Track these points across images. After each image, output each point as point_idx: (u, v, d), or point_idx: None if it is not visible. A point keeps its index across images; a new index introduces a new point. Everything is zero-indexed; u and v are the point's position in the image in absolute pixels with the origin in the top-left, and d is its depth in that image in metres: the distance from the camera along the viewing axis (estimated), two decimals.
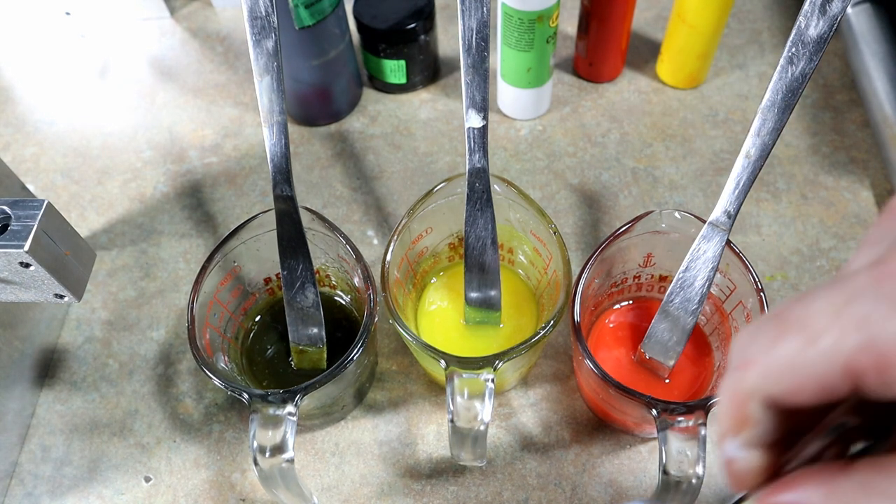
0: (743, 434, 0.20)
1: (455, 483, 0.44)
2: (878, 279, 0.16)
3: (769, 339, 0.18)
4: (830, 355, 0.16)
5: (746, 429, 0.20)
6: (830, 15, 0.34)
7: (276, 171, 0.41)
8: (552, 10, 0.51)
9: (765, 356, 0.18)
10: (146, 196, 0.58)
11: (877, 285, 0.16)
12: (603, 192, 0.56)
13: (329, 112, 0.60)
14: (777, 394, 0.18)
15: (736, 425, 0.20)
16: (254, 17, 0.40)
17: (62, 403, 0.49)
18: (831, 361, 0.16)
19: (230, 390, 0.38)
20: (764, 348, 0.18)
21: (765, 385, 0.18)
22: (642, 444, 0.45)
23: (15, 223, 0.34)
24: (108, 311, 0.52)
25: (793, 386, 0.17)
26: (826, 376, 0.17)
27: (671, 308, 0.40)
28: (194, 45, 0.68)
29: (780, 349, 0.17)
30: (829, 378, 0.17)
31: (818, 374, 0.17)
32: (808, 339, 0.17)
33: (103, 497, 0.45)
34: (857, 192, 0.55)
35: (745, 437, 0.20)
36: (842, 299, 0.17)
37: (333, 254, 0.45)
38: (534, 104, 0.59)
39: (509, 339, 0.46)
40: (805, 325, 0.17)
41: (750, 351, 0.18)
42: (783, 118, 0.36)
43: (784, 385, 0.18)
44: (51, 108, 0.64)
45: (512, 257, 0.49)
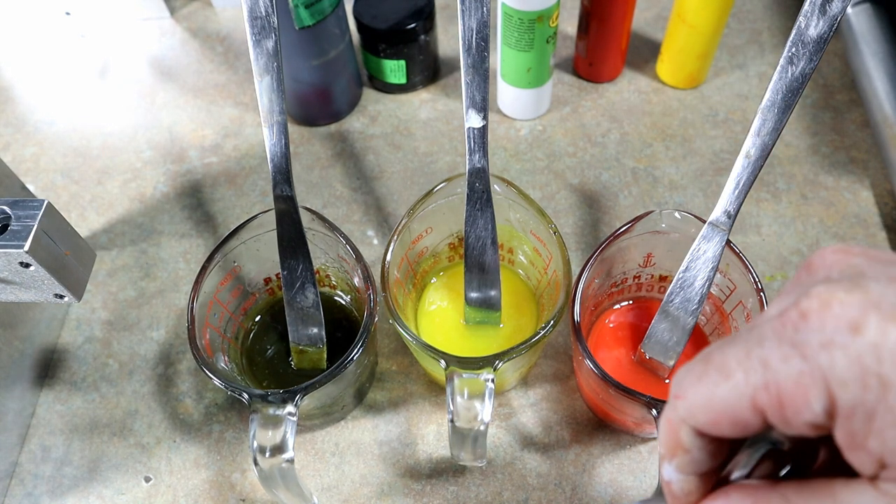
0: (676, 460, 0.22)
1: (455, 483, 0.44)
2: (780, 325, 0.18)
3: (695, 376, 0.20)
4: (738, 393, 0.19)
5: (679, 455, 0.21)
6: (830, 15, 0.34)
7: (276, 171, 0.41)
8: (552, 10, 0.51)
9: (691, 391, 0.20)
10: (146, 196, 0.58)
11: (779, 330, 0.18)
12: (603, 192, 0.56)
13: (329, 112, 0.60)
14: (700, 425, 0.20)
15: (670, 451, 0.22)
16: (254, 17, 0.40)
17: (62, 403, 0.49)
18: (739, 398, 0.19)
19: (230, 390, 0.38)
20: (691, 384, 0.20)
21: (689, 417, 0.20)
22: (642, 444, 0.45)
23: (15, 223, 0.34)
24: (108, 311, 0.52)
25: (712, 418, 0.20)
26: (737, 411, 0.19)
27: (671, 308, 0.40)
28: (194, 45, 0.68)
29: (701, 386, 0.20)
30: (740, 413, 0.19)
31: (730, 408, 0.19)
32: (722, 378, 0.19)
33: (103, 497, 0.45)
34: (857, 192, 0.55)
35: (678, 462, 0.22)
36: (752, 343, 0.19)
37: (333, 254, 0.45)
38: (534, 104, 0.59)
39: (509, 339, 0.46)
40: (722, 366, 0.19)
41: (682, 385, 0.20)
42: (783, 118, 0.36)
43: (705, 417, 0.20)
44: (51, 108, 0.64)
45: (512, 257, 0.49)
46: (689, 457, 0.21)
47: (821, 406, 0.17)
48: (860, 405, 0.17)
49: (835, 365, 0.17)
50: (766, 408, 0.18)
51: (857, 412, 0.17)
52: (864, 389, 0.17)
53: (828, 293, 0.18)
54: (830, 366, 0.17)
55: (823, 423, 0.18)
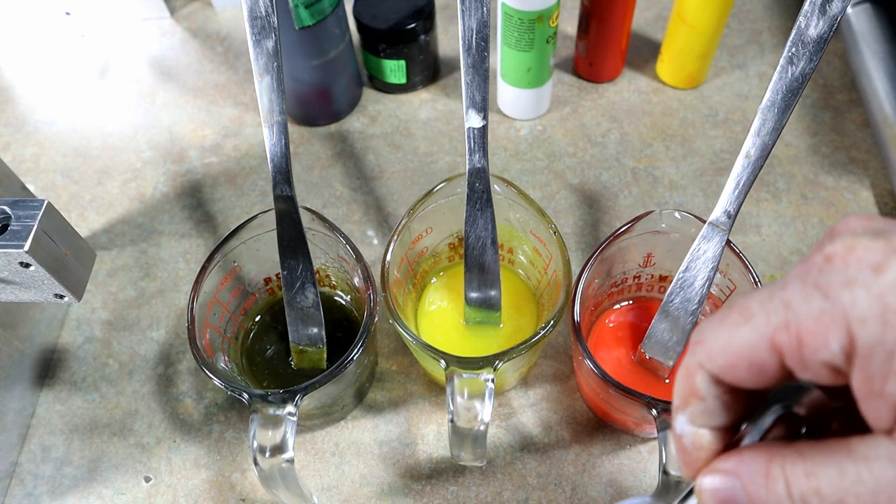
0: (689, 409, 0.22)
1: (455, 483, 0.44)
2: (804, 270, 0.19)
3: (717, 321, 0.20)
4: (758, 333, 0.19)
5: (693, 403, 0.21)
6: (830, 15, 0.34)
7: (276, 171, 0.41)
8: (552, 10, 0.51)
9: (711, 335, 0.20)
10: (146, 196, 0.58)
11: (803, 274, 0.19)
12: (603, 192, 0.56)
13: (329, 112, 0.60)
14: (718, 369, 0.20)
15: (684, 399, 0.22)
16: (254, 17, 0.40)
17: (62, 403, 0.49)
18: (759, 338, 0.19)
19: (230, 390, 0.38)
20: (712, 329, 0.20)
21: (707, 360, 0.20)
22: (642, 444, 0.45)
23: (15, 223, 0.34)
24: (108, 311, 0.52)
25: (729, 361, 0.20)
26: (755, 352, 0.19)
27: (671, 308, 0.40)
28: (194, 45, 0.68)
29: (722, 329, 0.20)
30: (758, 354, 0.19)
31: (749, 349, 0.19)
32: (743, 319, 0.19)
33: (103, 497, 0.45)
34: (857, 192, 0.55)
35: (691, 412, 0.22)
36: (776, 288, 0.19)
37: (333, 254, 0.45)
38: (534, 104, 0.59)
39: (509, 339, 0.46)
40: (744, 310, 0.20)
41: (703, 331, 0.21)
42: (783, 118, 0.36)
43: (723, 360, 0.20)
44: (51, 108, 0.64)
45: (512, 257, 0.49)
46: (702, 406, 0.21)
47: (839, 345, 0.17)
48: (879, 344, 0.17)
49: (856, 303, 0.17)
50: (785, 348, 0.18)
51: (876, 352, 0.17)
52: (885, 327, 0.17)
53: (853, 240, 0.18)
54: (852, 304, 0.17)
55: (841, 364, 0.18)
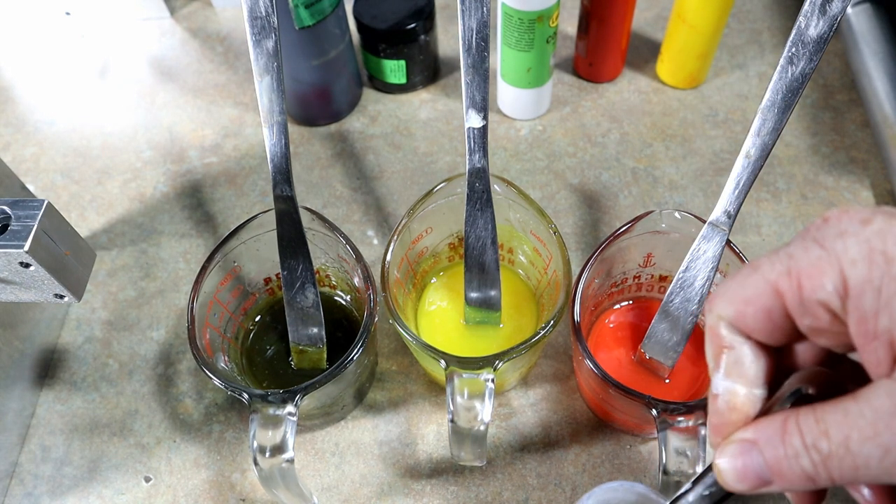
0: (722, 362, 0.23)
1: (455, 483, 0.44)
2: (804, 231, 0.22)
3: (729, 278, 0.23)
4: (763, 279, 0.22)
5: (724, 354, 0.23)
6: (830, 15, 0.34)
7: (276, 171, 0.41)
8: (552, 10, 0.51)
9: (722, 289, 0.23)
10: (146, 196, 0.58)
11: (803, 234, 0.22)
12: (603, 192, 0.56)
13: (329, 112, 0.60)
14: (730, 316, 0.23)
15: (716, 355, 0.24)
16: (254, 17, 0.40)
17: (62, 403, 0.49)
18: (764, 284, 0.22)
19: (230, 390, 0.38)
20: (724, 285, 0.23)
21: (721, 309, 0.23)
22: (642, 444, 0.45)
23: (15, 223, 0.34)
24: (108, 311, 0.52)
25: (738, 308, 0.22)
26: (761, 297, 0.22)
27: (671, 308, 0.40)
28: (194, 45, 0.68)
29: (733, 282, 0.23)
30: (763, 299, 0.22)
31: (755, 295, 0.22)
32: (751, 270, 0.22)
33: (103, 497, 0.45)
34: (857, 192, 0.55)
35: (725, 364, 0.23)
36: (780, 247, 0.22)
37: (333, 254, 0.45)
38: (534, 104, 0.59)
39: (509, 339, 0.46)
40: (753, 264, 0.23)
41: (716, 292, 0.24)
42: (783, 118, 0.36)
43: (732, 307, 0.23)
44: (51, 108, 0.64)
45: (512, 257, 0.49)
46: (733, 355, 0.23)
47: (833, 285, 0.20)
48: (867, 281, 0.19)
49: (847, 249, 0.20)
50: (786, 291, 0.21)
51: (866, 289, 0.19)
52: (871, 266, 0.19)
53: (848, 206, 0.22)
54: (843, 249, 0.20)
55: (836, 306, 0.20)
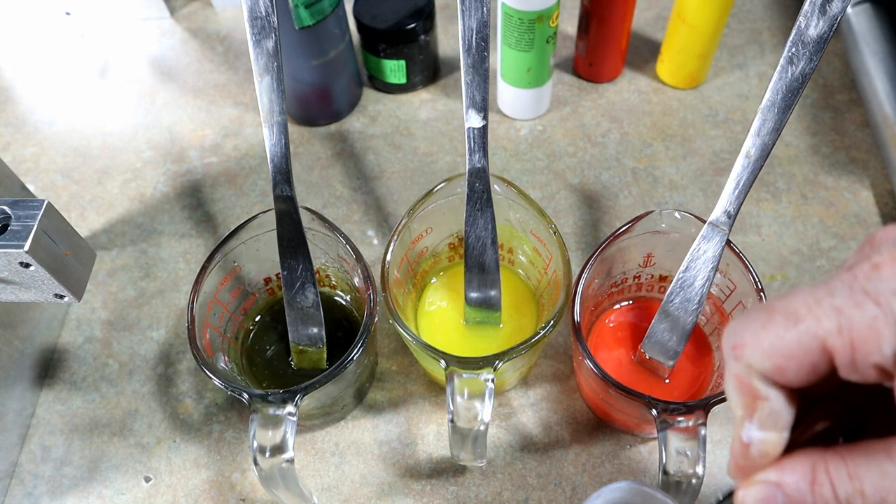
0: (757, 414, 0.22)
1: (455, 483, 0.44)
2: (851, 277, 0.20)
3: (759, 323, 0.21)
4: (811, 334, 0.20)
5: (759, 406, 0.21)
6: (830, 15, 0.34)
7: (276, 171, 0.41)
8: (552, 10, 0.51)
9: (754, 336, 0.21)
10: (146, 196, 0.58)
11: (850, 282, 0.20)
12: (603, 192, 0.56)
13: (329, 112, 0.60)
14: (768, 369, 0.21)
15: (749, 406, 0.22)
16: (254, 17, 0.40)
17: (62, 403, 0.49)
18: (811, 340, 0.20)
19: (230, 390, 0.38)
20: (754, 331, 0.21)
21: (757, 360, 0.21)
22: (642, 444, 0.45)
23: (15, 223, 0.34)
24: (108, 311, 0.52)
25: (779, 363, 0.20)
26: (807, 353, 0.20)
27: (671, 308, 0.40)
28: (194, 45, 0.68)
29: (767, 332, 0.20)
30: (809, 356, 0.20)
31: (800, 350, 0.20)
32: (793, 322, 0.20)
33: (103, 497, 0.45)
34: (857, 192, 0.55)
35: (759, 416, 0.22)
36: (822, 293, 0.20)
37: (333, 254, 0.45)
38: (534, 104, 0.59)
39: (509, 339, 0.46)
40: (790, 312, 0.20)
41: (742, 335, 0.21)
42: (783, 118, 0.36)
43: (771, 362, 0.20)
44: (51, 108, 0.64)
45: (512, 257, 0.49)
46: (768, 406, 0.21)
47: (891, 349, 0.19)
48: None
49: None
50: (837, 351, 0.19)
51: None
52: None
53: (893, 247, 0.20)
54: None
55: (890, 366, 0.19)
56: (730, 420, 0.46)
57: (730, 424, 0.45)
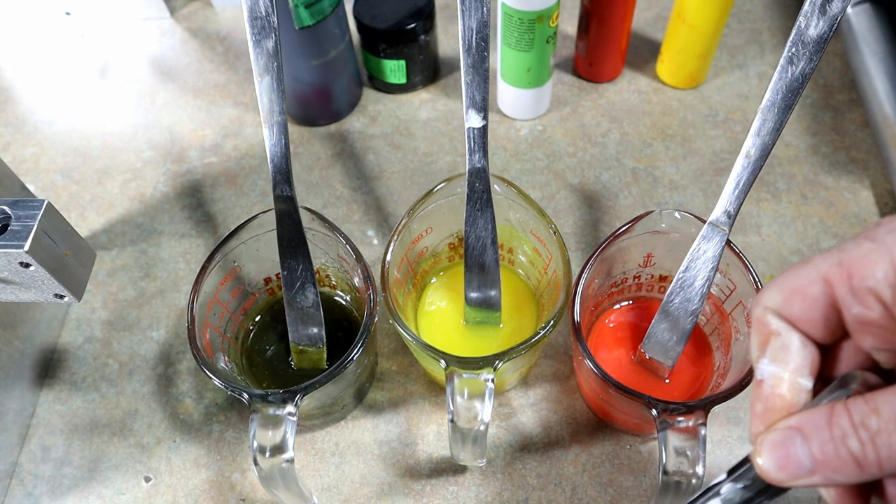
0: (769, 348, 0.24)
1: (455, 483, 0.44)
2: (856, 234, 0.23)
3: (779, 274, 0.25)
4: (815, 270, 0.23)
5: (770, 341, 0.24)
6: (830, 15, 0.34)
7: (276, 171, 0.41)
8: (552, 10, 0.51)
9: (771, 283, 0.24)
10: (146, 196, 0.58)
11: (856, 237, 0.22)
12: (603, 192, 0.56)
13: (329, 112, 0.60)
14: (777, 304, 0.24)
15: (762, 342, 0.24)
16: (254, 17, 0.40)
17: (62, 403, 0.49)
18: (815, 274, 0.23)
19: (230, 390, 0.38)
20: (773, 280, 0.24)
21: (769, 299, 0.24)
22: (642, 444, 0.45)
23: (15, 223, 0.34)
24: (108, 311, 0.52)
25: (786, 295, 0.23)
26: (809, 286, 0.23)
27: (671, 308, 0.40)
28: (194, 45, 0.68)
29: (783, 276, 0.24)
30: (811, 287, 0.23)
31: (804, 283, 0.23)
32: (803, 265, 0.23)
33: (103, 497, 0.45)
34: (857, 192, 0.55)
35: (770, 350, 0.24)
36: (833, 248, 0.23)
37: (333, 254, 0.45)
38: (534, 104, 0.59)
39: (509, 339, 0.46)
40: (804, 260, 0.24)
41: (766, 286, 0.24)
42: (783, 118, 0.36)
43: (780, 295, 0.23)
44: (51, 108, 0.64)
45: (512, 257, 0.49)
46: (779, 340, 0.24)
47: (883, 273, 0.21)
48: None
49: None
50: (836, 280, 0.22)
51: None
52: None
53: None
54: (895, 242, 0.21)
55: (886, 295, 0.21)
56: (730, 420, 0.46)
57: (730, 424, 0.45)
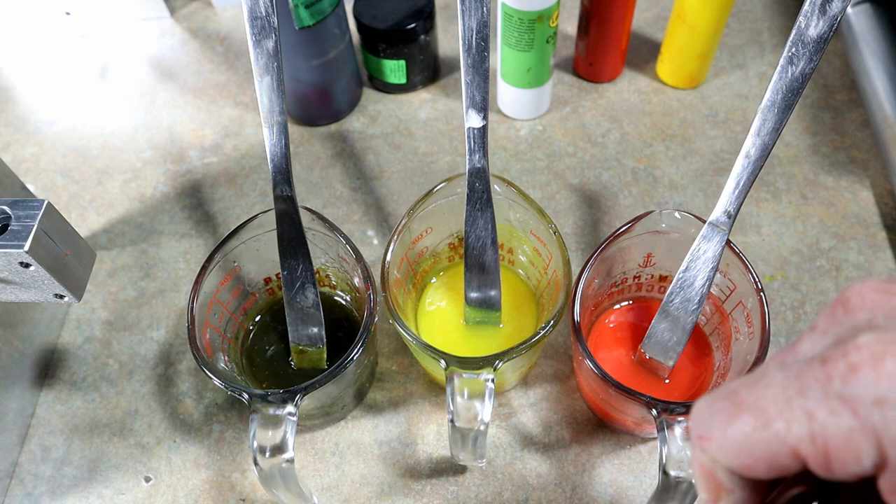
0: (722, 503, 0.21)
1: (455, 483, 0.44)
2: (825, 377, 0.18)
3: (726, 416, 0.19)
4: (780, 440, 0.18)
5: (724, 497, 0.21)
6: (830, 15, 0.34)
7: (276, 171, 0.41)
8: (552, 10, 0.51)
9: (721, 433, 0.19)
10: (146, 196, 0.58)
11: (824, 382, 0.18)
12: (603, 192, 0.56)
13: (329, 112, 0.60)
14: (735, 467, 0.20)
15: (714, 496, 0.21)
16: (254, 17, 0.40)
17: (62, 403, 0.49)
18: (781, 445, 0.18)
19: (230, 390, 0.38)
20: (721, 425, 0.19)
21: (724, 459, 0.20)
22: (642, 444, 0.45)
23: (15, 223, 0.34)
24: (108, 311, 0.52)
25: (748, 462, 0.19)
26: (776, 457, 0.18)
27: (671, 308, 0.40)
28: (194, 45, 0.68)
29: (735, 428, 0.19)
30: (778, 458, 0.18)
31: (769, 454, 0.19)
32: (761, 422, 0.18)
33: (103, 497, 0.45)
34: (857, 192, 0.55)
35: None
36: (793, 390, 0.18)
37: (333, 254, 0.45)
38: (534, 104, 0.59)
39: (509, 339, 0.46)
40: (757, 409, 0.19)
41: (709, 426, 0.20)
42: (783, 118, 0.36)
43: (740, 461, 0.19)
44: (51, 108, 0.64)
45: (512, 257, 0.49)
46: (734, 497, 0.21)
47: (871, 462, 0.17)
48: None
49: (889, 424, 0.17)
50: (811, 459, 0.18)
51: None
52: None
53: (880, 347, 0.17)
54: (884, 425, 0.17)
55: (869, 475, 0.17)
56: None
57: None
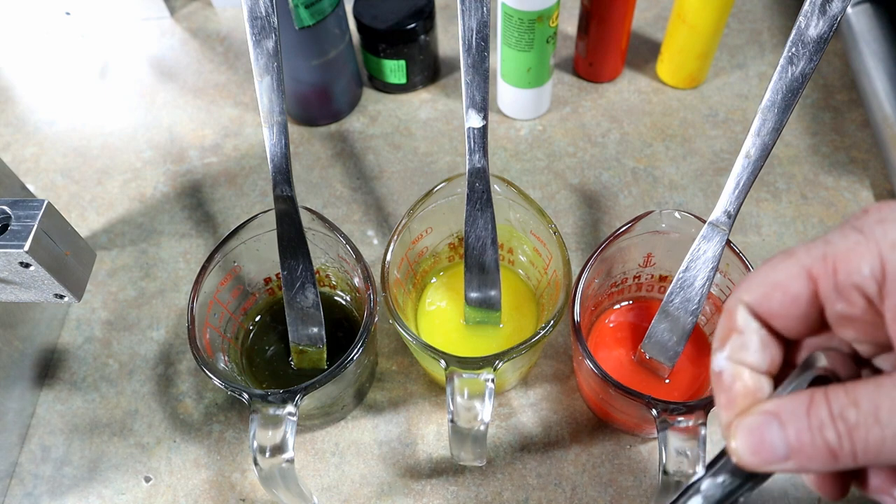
0: (728, 344, 0.23)
1: (455, 483, 0.44)
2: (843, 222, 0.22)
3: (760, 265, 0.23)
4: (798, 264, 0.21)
5: (731, 338, 0.23)
6: (830, 15, 0.34)
7: (276, 171, 0.41)
8: (552, 10, 0.51)
9: (752, 275, 0.23)
10: (146, 196, 0.58)
11: (842, 224, 0.22)
12: (603, 192, 0.56)
13: (329, 112, 0.60)
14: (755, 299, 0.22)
15: (723, 338, 0.23)
16: (254, 17, 0.40)
17: (62, 403, 0.49)
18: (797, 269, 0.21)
19: (230, 390, 0.38)
20: (754, 271, 0.23)
21: (745, 292, 0.23)
22: (642, 444, 0.45)
23: (15, 223, 0.34)
24: (108, 311, 0.52)
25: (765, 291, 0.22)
26: (791, 281, 0.22)
27: (671, 308, 0.40)
28: (194, 45, 0.68)
29: (764, 267, 0.23)
30: (793, 283, 0.21)
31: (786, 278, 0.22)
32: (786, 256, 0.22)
33: (103, 497, 0.45)
34: (857, 192, 0.55)
35: (730, 347, 0.23)
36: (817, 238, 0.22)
37: (333, 254, 0.45)
38: (534, 104, 0.59)
39: (509, 339, 0.46)
40: (786, 251, 0.22)
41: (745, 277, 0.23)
42: (783, 118, 0.36)
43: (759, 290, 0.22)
44: (51, 108, 0.64)
45: (512, 257, 0.49)
46: (740, 339, 0.23)
47: (870, 269, 0.20)
48: None
49: (886, 233, 0.20)
50: (820, 275, 0.21)
51: None
52: None
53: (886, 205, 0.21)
54: (883, 234, 0.20)
55: (872, 291, 0.20)
56: None
57: None
